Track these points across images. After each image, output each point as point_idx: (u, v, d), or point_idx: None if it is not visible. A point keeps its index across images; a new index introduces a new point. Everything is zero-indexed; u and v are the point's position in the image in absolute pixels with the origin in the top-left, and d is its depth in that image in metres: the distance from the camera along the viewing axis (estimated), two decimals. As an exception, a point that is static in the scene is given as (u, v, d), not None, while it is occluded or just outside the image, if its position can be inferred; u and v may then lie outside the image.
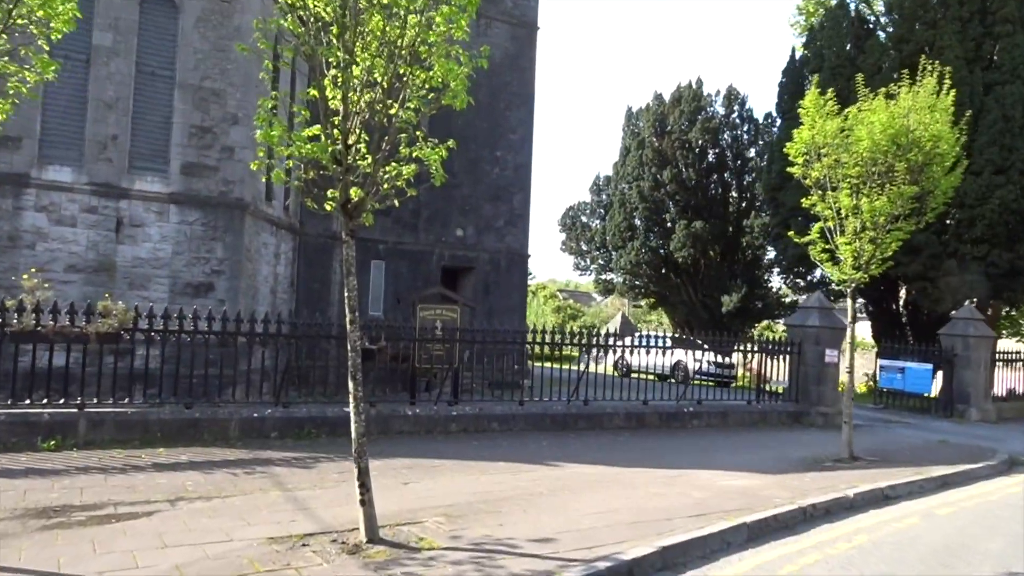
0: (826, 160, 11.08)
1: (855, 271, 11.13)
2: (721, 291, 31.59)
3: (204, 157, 14.48)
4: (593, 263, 37.74)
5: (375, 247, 19.77)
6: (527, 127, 22.16)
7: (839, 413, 15.90)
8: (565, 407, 13.26)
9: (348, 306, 6.38)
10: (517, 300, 22.03)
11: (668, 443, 12.35)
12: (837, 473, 10.10)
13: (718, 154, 33.02)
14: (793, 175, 23.00)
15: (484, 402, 12.79)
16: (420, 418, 11.83)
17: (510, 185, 21.76)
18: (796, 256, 22.25)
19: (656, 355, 14.48)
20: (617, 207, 34.11)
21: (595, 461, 10.32)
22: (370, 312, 19.71)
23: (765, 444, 12.72)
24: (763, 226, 31.04)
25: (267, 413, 10.86)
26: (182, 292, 14.16)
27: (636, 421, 13.78)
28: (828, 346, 15.91)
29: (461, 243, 20.98)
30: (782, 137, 22.96)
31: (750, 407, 15.29)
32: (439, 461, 9.81)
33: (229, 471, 8.71)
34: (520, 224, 21.99)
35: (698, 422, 14.46)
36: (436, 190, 19.48)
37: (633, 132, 34.74)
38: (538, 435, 12.32)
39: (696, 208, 32.38)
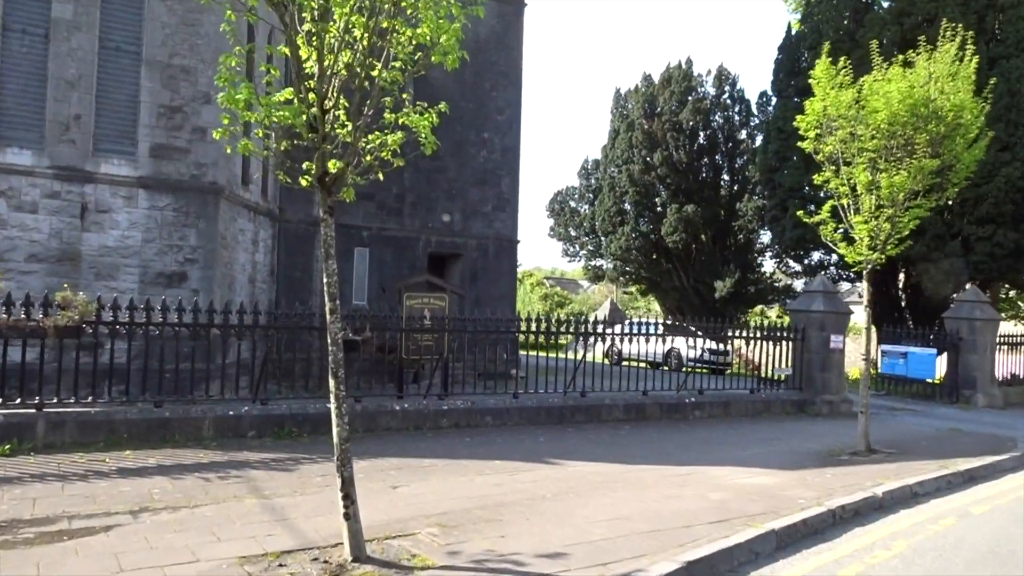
0: (840, 133, 10.37)
1: (871, 251, 10.46)
2: (713, 276, 30.94)
3: (174, 138, 13.58)
4: (582, 249, 36.99)
5: (358, 234, 18.94)
6: (515, 108, 21.34)
7: (845, 401, 15.34)
8: (562, 399, 12.55)
9: (328, 293, 5.62)
10: (506, 288, 21.28)
11: (672, 436, 11.68)
12: (857, 468, 9.45)
13: (709, 136, 32.30)
14: (790, 155, 22.44)
15: (476, 395, 12.06)
16: (409, 413, 11.09)
17: (498, 168, 20.97)
18: (794, 239, 21.63)
19: (648, 342, 13.80)
20: (607, 191, 33.35)
21: (598, 458, 9.62)
22: (354, 301, 18.92)
23: (773, 436, 12.07)
24: (757, 209, 30.41)
25: (244, 411, 10.08)
26: (153, 282, 13.30)
27: (636, 413, 13.10)
28: (833, 332, 15.28)
29: (448, 229, 20.18)
30: (779, 116, 22.33)
31: (753, 396, 14.65)
32: (430, 460, 9.08)
33: (201, 476, 7.94)
34: (509, 209, 21.21)
35: (700, 413, 13.81)
36: (421, 174, 18.67)
37: (622, 114, 33.95)
38: (534, 430, 11.61)
39: (687, 192, 31.68)
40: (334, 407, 5.54)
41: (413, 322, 12.21)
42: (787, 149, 21.71)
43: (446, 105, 6.15)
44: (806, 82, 22.13)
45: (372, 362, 12.44)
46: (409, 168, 20.75)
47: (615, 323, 17.27)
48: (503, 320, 12.87)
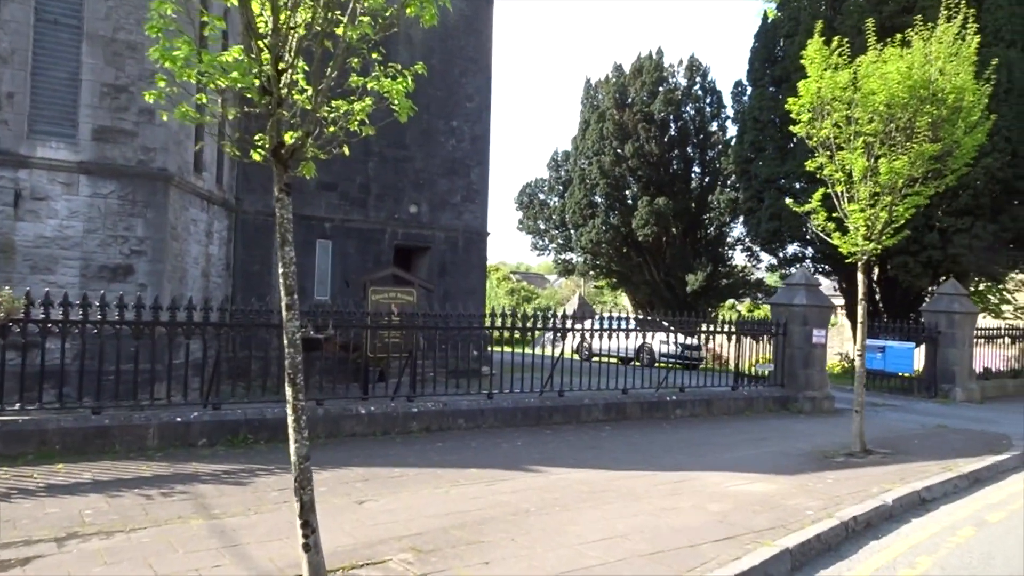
0: (836, 115, 9.77)
1: (866, 241, 9.89)
2: (685, 270, 30.48)
3: (119, 120, 12.57)
4: (552, 242, 36.28)
5: (320, 225, 18.01)
6: (484, 95, 20.55)
7: (828, 398, 14.87)
8: (538, 400, 11.84)
9: (284, 286, 4.80)
10: (476, 282, 20.51)
11: (655, 437, 11.03)
12: (857, 471, 8.88)
13: (680, 127, 31.80)
14: (766, 145, 22.00)
15: (447, 396, 11.28)
16: (375, 417, 10.27)
17: (467, 158, 20.17)
18: (770, 231, 21.18)
19: (619, 338, 13.16)
20: (577, 183, 32.68)
21: (581, 463, 8.92)
22: (316, 297, 18.01)
23: (761, 436, 11.49)
24: (730, 202, 30.00)
25: (193, 416, 9.17)
26: (96, 276, 12.29)
27: (616, 412, 12.45)
28: (816, 326, 14.79)
29: (415, 220, 19.33)
30: (755, 106, 21.86)
31: (735, 394, 14.09)
32: (400, 470, 8.30)
33: (141, 492, 7.07)
34: (478, 200, 20.43)
35: (681, 411, 13.20)
36: (387, 163, 17.77)
37: (593, 105, 33.29)
38: (510, 432, 10.88)
39: (658, 184, 31.15)
40: (291, 419, 4.73)
41: (380, 318, 11.40)
42: (763, 139, 21.28)
43: (423, 66, 5.32)
44: (783, 71, 21.85)
45: (335, 361, 11.60)
46: (374, 157, 19.93)
47: (585, 318, 16.63)
48: (476, 316, 12.11)
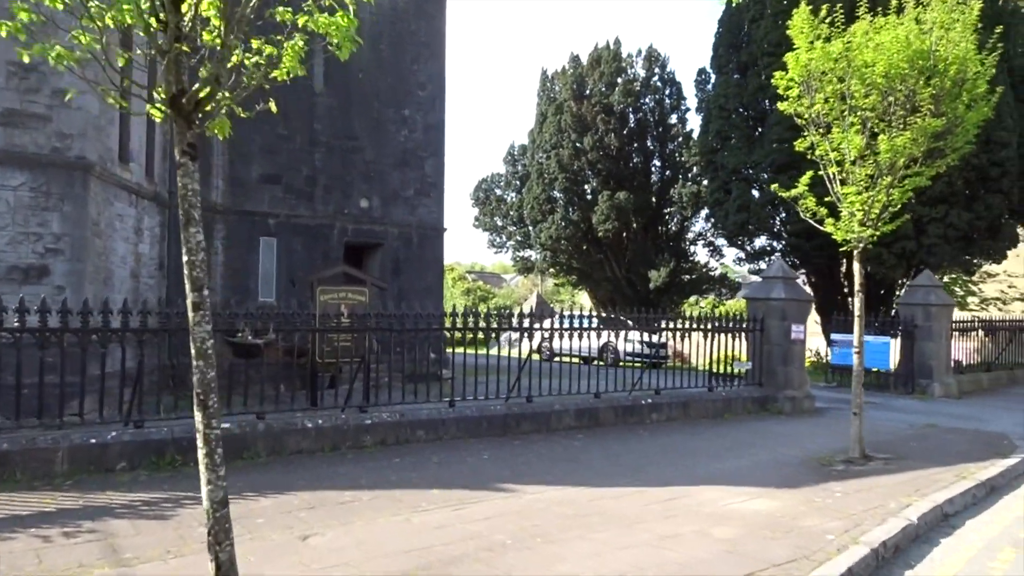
0: (829, 88, 8.91)
1: (863, 227, 9.05)
2: (647, 266, 29.70)
3: (29, 103, 11.18)
4: (510, 239, 35.22)
5: (263, 221, 16.71)
6: (438, 83, 19.43)
7: (808, 397, 14.14)
8: (505, 407, 10.79)
9: (189, 278, 3.69)
10: (432, 280, 19.38)
11: (634, 446, 10.07)
12: (864, 482, 8.03)
13: (639, 119, 31.03)
14: (731, 134, 21.26)
15: (405, 405, 10.16)
16: (324, 431, 9.11)
17: (420, 149, 19.02)
18: (738, 223, 20.44)
19: (583, 337, 12.20)
20: (535, 178, 31.69)
21: (558, 479, 7.91)
22: (260, 298, 16.70)
23: (747, 441, 10.62)
24: (692, 195, 29.34)
25: (111, 437, 7.91)
26: (5, 278, 10.89)
27: (589, 419, 11.47)
28: (795, 321, 14.02)
29: (366, 215, 18.12)
30: (720, 94, 21.12)
31: (712, 395, 13.22)
32: (352, 493, 7.19)
33: (39, 533, 5.85)
34: (433, 194, 19.30)
35: (657, 415, 12.28)
36: (334, 154, 16.50)
37: (550, 97, 32.33)
38: (475, 444, 9.82)
39: (618, 178, 30.32)
40: (202, 453, 3.61)
41: (328, 320, 10.23)
42: (728, 128, 20.53)
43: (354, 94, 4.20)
44: (749, 56, 21.15)
45: (281, 368, 10.40)
46: (321, 148, 18.67)
47: (544, 316, 15.64)
48: (435, 316, 10.98)
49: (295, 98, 17.04)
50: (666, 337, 21.12)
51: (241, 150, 16.40)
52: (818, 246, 18.83)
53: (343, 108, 17.74)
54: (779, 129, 18.50)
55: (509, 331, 11.23)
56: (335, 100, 17.63)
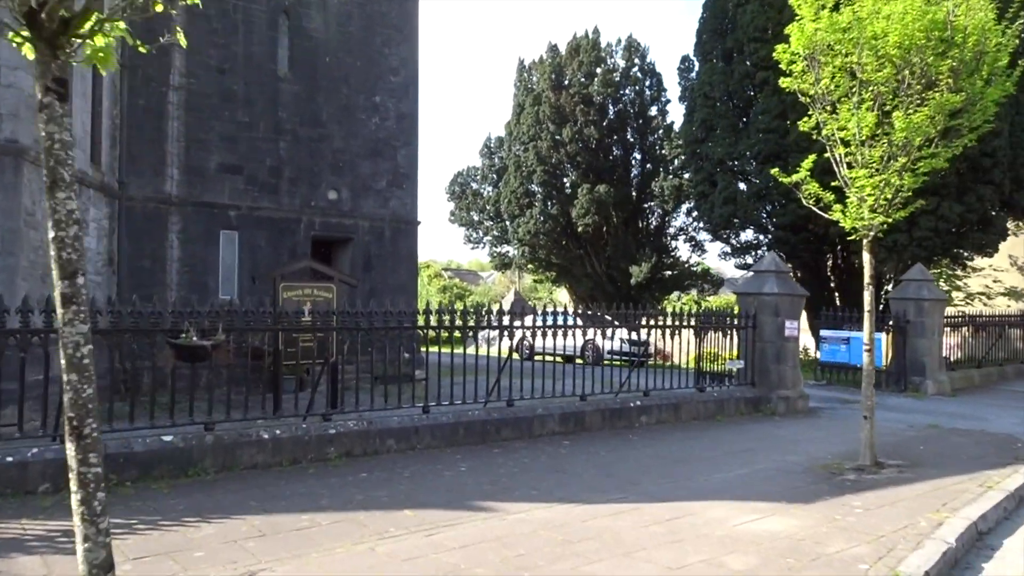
0: (837, 62, 8.12)
1: (874, 213, 8.27)
2: (628, 261, 28.91)
3: (-46, 80, 10.10)
4: (487, 235, 34.28)
5: (224, 214, 15.66)
6: (411, 68, 18.47)
7: (802, 397, 13.42)
8: (484, 411, 9.91)
9: (56, 262, 2.72)
10: (406, 277, 18.44)
11: (626, 453, 9.24)
12: (883, 493, 7.25)
13: (619, 111, 30.22)
14: (717, 124, 20.51)
15: (374, 412, 9.22)
16: (282, 443, 8.17)
17: (393, 138, 18.06)
18: (724, 216, 19.69)
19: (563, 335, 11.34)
20: (512, 171, 30.77)
21: (545, 495, 7.06)
22: (221, 295, 15.65)
23: (745, 447, 9.84)
24: (673, 189, 28.61)
25: (31, 455, 6.91)
26: (-73, 274, 9.83)
27: (574, 423, 10.62)
28: (788, 317, 13.28)
29: (335, 208, 17.14)
30: (705, 81, 20.36)
31: (703, 396, 12.44)
32: (311, 516, 6.28)
33: (-77, 578, 4.87)
34: (407, 185, 18.35)
35: (647, 418, 11.47)
36: (300, 143, 15.42)
37: (527, 88, 31.43)
38: (452, 454, 8.93)
39: (598, 171, 29.51)
40: (77, 500, 2.68)
41: (291, 319, 9.28)
42: (713, 117, 19.77)
43: None
44: (734, 42, 20.36)
45: (243, 371, 9.39)
46: (286, 136, 17.61)
47: (522, 314, 14.77)
48: (408, 314, 10.04)
49: (257, 82, 16.03)
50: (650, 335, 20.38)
51: (198, 137, 15.35)
52: (805, 240, 18.18)
53: (309, 94, 16.74)
54: (766, 118, 17.80)
55: (487, 329, 10.35)
56: (301, 85, 16.62)
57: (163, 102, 15.00)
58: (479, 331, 10.44)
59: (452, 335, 10.55)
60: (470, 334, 10.57)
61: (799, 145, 17.76)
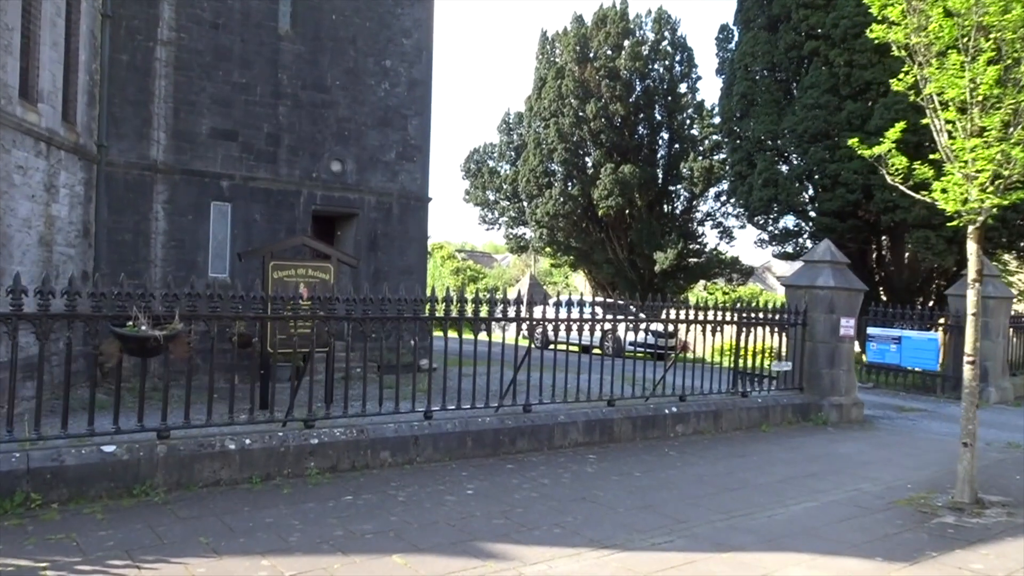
0: (946, 3, 6.53)
1: (984, 194, 6.69)
2: (652, 247, 27.26)
3: None
4: (503, 215, 32.70)
5: (215, 183, 14.23)
6: (424, 32, 16.90)
7: (856, 404, 11.88)
8: (496, 417, 8.45)
9: None
10: (414, 258, 16.96)
11: (664, 474, 7.77)
12: (1003, 548, 5.75)
13: (647, 87, 28.49)
14: (759, 98, 18.83)
15: (366, 417, 7.77)
16: (252, 455, 6.75)
17: (403, 106, 16.53)
18: (763, 200, 18.06)
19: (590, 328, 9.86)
20: (531, 149, 29.12)
21: (570, 535, 5.60)
22: (211, 273, 14.28)
23: (805, 468, 8.35)
24: (703, 171, 26.94)
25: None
26: None
27: (601, 433, 9.16)
28: (844, 314, 11.73)
29: (339, 181, 15.67)
30: (746, 52, 18.68)
31: (746, 401, 10.93)
32: (271, 562, 4.87)
33: None
34: (418, 159, 16.84)
35: (683, 428, 9.99)
36: (302, 109, 13.71)
37: (550, 60, 29.72)
38: (457, 470, 7.50)
39: (623, 150, 27.83)
40: None
41: (279, 304, 7.79)
42: (755, 91, 18.12)
43: None
44: (781, 8, 18.59)
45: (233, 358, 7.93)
46: (286, 100, 16.09)
47: (539, 300, 13.23)
48: (410, 302, 8.49)
49: (255, 40, 14.53)
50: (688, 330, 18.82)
51: (188, 99, 13.89)
52: (854, 228, 16.53)
53: (313, 55, 15.23)
54: (814, 93, 16.13)
55: (504, 322, 8.85)
56: (303, 45, 15.10)
57: (150, 58, 13.53)
58: (494, 324, 8.95)
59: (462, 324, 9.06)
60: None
61: (851, 123, 16.18)
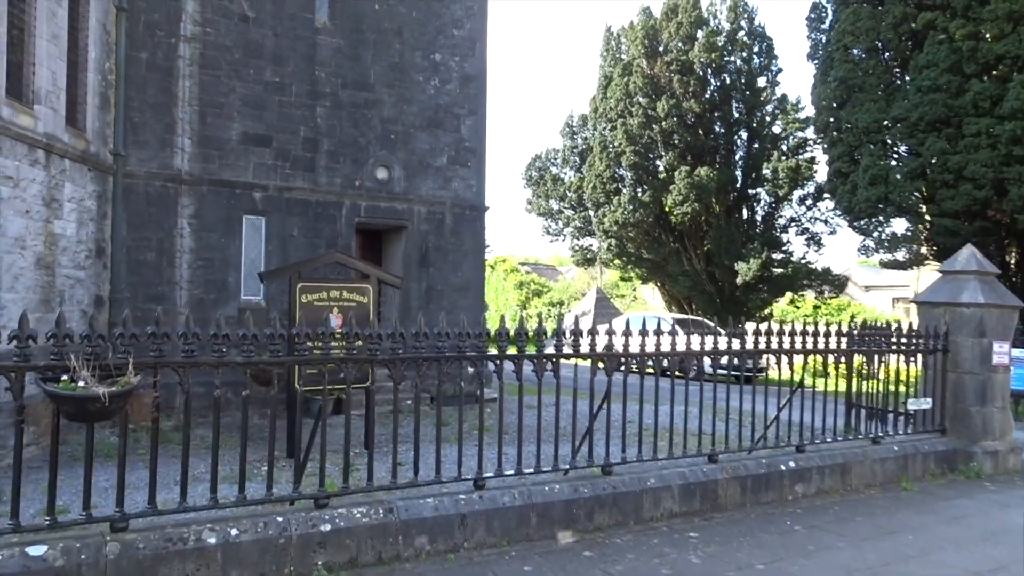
0: None
1: None
2: (732, 257, 24.88)
3: None
4: (567, 226, 30.71)
5: (248, 195, 12.75)
6: (478, 20, 15.20)
7: (1013, 450, 9.55)
8: (568, 483, 6.52)
9: None
10: (471, 273, 15.19)
11: (792, 567, 5.71)
12: None
13: (723, 82, 26.22)
14: (862, 83, 16.42)
15: (397, 492, 5.91)
16: (241, 550, 4.99)
17: (455, 105, 14.84)
18: (870, 201, 15.66)
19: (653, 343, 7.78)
20: (597, 153, 27.08)
21: None
22: (243, 296, 12.80)
23: (987, 558, 6.18)
24: (789, 171, 24.53)
25: None
26: None
27: (702, 499, 7.15)
28: (996, 337, 9.44)
29: (384, 189, 14.03)
30: (846, 30, 16.34)
31: (879, 450, 8.73)
32: None
33: None
34: (473, 163, 15.11)
35: (804, 488, 7.90)
36: (343, 110, 11.19)
37: (615, 57, 27.71)
38: (517, 562, 5.62)
39: (698, 151, 25.61)
40: None
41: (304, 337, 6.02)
42: (856, 76, 15.80)
43: None
44: (887, -20, 16.36)
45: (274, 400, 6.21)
46: (325, 100, 14.50)
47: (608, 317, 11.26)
48: (472, 336, 6.46)
49: (290, 34, 13.03)
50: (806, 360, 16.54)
51: (216, 101, 12.45)
52: (981, 230, 14.08)
53: (354, 49, 13.66)
54: (932, 73, 13.81)
55: (594, 359, 6.91)
56: (343, 39, 13.55)
57: (172, 56, 12.14)
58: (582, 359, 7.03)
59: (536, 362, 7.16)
60: (547, 337, 7.06)
61: (978, 106, 13.76)
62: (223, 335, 5.21)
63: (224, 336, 5.21)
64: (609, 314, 30.83)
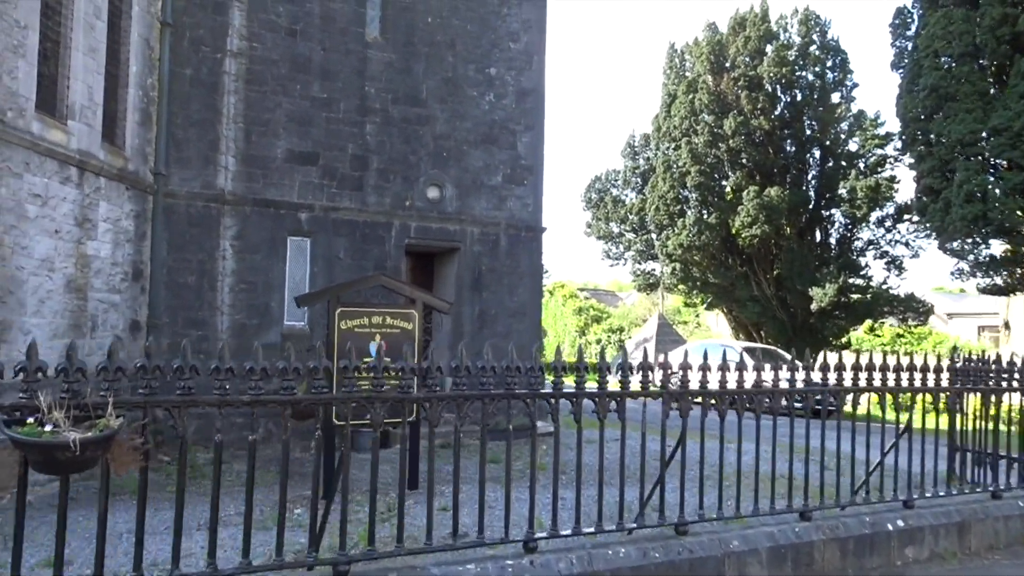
0: None
1: None
2: (806, 282, 23.43)
3: None
4: (628, 249, 29.61)
5: (293, 215, 12.15)
6: (536, 34, 14.45)
7: None
8: (635, 547, 5.51)
9: None
10: (526, 297, 14.30)
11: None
12: None
13: (794, 98, 24.95)
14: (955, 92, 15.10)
15: (431, 556, 5.01)
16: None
17: (511, 120, 14.07)
18: (966, 219, 14.26)
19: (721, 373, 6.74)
20: (660, 173, 26.01)
21: None
22: (286, 321, 12.16)
23: None
24: (867, 190, 23.07)
25: None
26: None
27: (794, 565, 6.05)
28: None
29: (436, 209, 13.30)
30: (936, 35, 15.05)
31: (1000, 505, 7.48)
32: None
33: None
34: (529, 181, 14.28)
35: (914, 551, 6.70)
36: (393, 126, 9.76)
37: (679, 74, 26.70)
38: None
39: (766, 171, 24.35)
40: None
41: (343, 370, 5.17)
42: (948, 84, 14.50)
43: None
44: (982, -21, 15.06)
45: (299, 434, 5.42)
46: (375, 116, 13.89)
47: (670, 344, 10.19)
48: (528, 370, 5.55)
49: (338, 48, 12.47)
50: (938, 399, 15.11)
51: (261, 117, 11.93)
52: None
53: (405, 64, 13.03)
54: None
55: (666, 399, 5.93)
56: (394, 53, 12.94)
57: (217, 72, 11.67)
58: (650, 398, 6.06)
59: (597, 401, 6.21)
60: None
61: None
62: (226, 368, 4.42)
63: (228, 370, 4.42)
64: (672, 341, 29.56)
